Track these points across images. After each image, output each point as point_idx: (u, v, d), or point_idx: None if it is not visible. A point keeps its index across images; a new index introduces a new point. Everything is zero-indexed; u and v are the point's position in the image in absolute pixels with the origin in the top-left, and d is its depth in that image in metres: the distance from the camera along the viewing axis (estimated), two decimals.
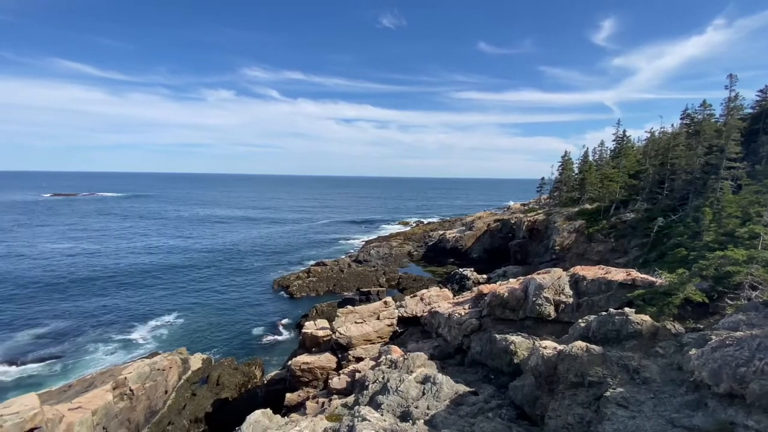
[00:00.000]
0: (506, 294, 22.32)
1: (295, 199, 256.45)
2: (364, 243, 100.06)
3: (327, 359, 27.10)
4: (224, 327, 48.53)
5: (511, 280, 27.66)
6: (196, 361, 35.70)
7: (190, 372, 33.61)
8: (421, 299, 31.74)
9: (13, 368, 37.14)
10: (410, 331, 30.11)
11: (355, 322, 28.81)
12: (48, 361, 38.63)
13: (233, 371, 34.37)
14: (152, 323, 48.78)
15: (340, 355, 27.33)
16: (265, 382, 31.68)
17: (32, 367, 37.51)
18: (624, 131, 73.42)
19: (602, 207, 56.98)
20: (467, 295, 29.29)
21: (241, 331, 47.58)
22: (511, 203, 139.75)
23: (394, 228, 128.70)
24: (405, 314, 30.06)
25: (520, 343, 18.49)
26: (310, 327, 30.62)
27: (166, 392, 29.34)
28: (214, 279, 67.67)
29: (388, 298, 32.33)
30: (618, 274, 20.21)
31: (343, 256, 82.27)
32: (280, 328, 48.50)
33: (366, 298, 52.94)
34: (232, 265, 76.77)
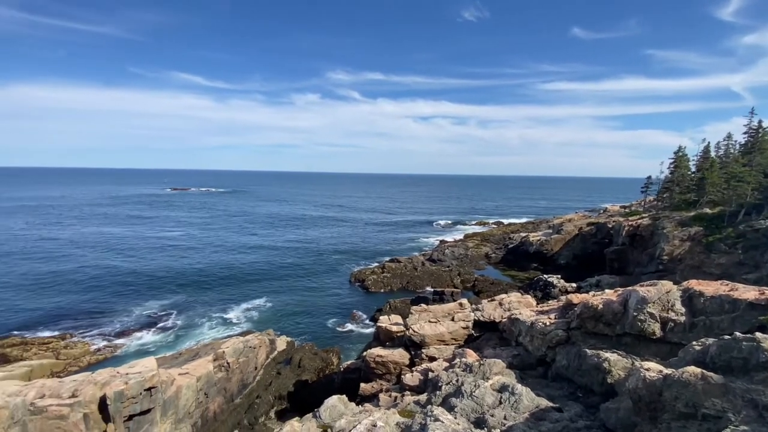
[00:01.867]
0: (601, 306, 20.07)
1: (372, 197, 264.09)
2: (439, 242, 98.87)
3: (400, 355, 27.33)
4: (306, 314, 52.01)
5: (606, 291, 24.83)
6: (282, 342, 38.77)
7: (276, 352, 36.62)
8: (500, 304, 30.20)
9: (137, 335, 44.36)
10: (487, 336, 28.87)
11: (429, 321, 28.57)
12: (163, 332, 45.41)
13: (313, 356, 36.61)
14: (245, 305, 54.32)
15: (413, 352, 27.37)
16: (342, 369, 33.14)
17: (151, 336, 44.42)
18: (760, 122, 61.12)
19: (727, 212, 48.17)
20: (553, 303, 27.10)
21: (320, 318, 50.52)
22: (608, 205, 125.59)
23: (471, 228, 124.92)
24: (482, 318, 28.89)
25: (615, 361, 16.53)
26: (384, 321, 31.16)
27: (255, 368, 32.38)
28: (298, 269, 72.78)
29: (464, 300, 31.41)
30: (747, 293, 16.82)
31: (417, 254, 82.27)
32: (356, 319, 50.34)
33: (440, 298, 52.29)
34: (313, 257, 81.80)
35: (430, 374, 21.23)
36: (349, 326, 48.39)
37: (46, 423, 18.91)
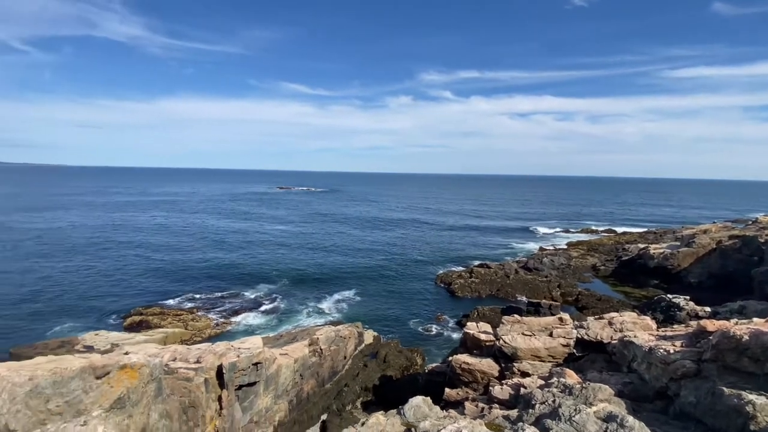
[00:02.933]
0: (747, 337, 16.24)
1: (461, 199, 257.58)
2: (536, 249, 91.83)
3: (489, 365, 26.01)
4: (391, 311, 53.06)
5: (754, 319, 20.09)
6: (369, 336, 40.15)
7: (363, 345, 38.07)
8: (610, 323, 26.67)
9: (247, 316, 50.28)
10: (591, 357, 25.74)
11: (523, 334, 26.62)
12: (268, 315, 50.72)
13: (398, 353, 37.11)
14: (336, 296, 57.75)
15: (503, 364, 25.80)
16: (426, 371, 32.89)
17: (258, 318, 49.95)
18: None
19: None
20: (679, 329, 22.92)
21: (405, 317, 51.03)
22: (760, 215, 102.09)
23: (575, 236, 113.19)
24: (586, 337, 25.86)
25: (762, 405, 13.20)
26: (472, 328, 30.02)
27: (345, 357, 34.09)
28: (385, 268, 74.61)
29: (564, 315, 28.53)
30: None
31: (510, 261, 77.59)
32: (441, 322, 49.60)
33: (535, 310, 48.45)
34: (399, 257, 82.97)
35: (522, 390, 19.70)
36: (434, 328, 47.88)
37: (176, 383, 22.52)
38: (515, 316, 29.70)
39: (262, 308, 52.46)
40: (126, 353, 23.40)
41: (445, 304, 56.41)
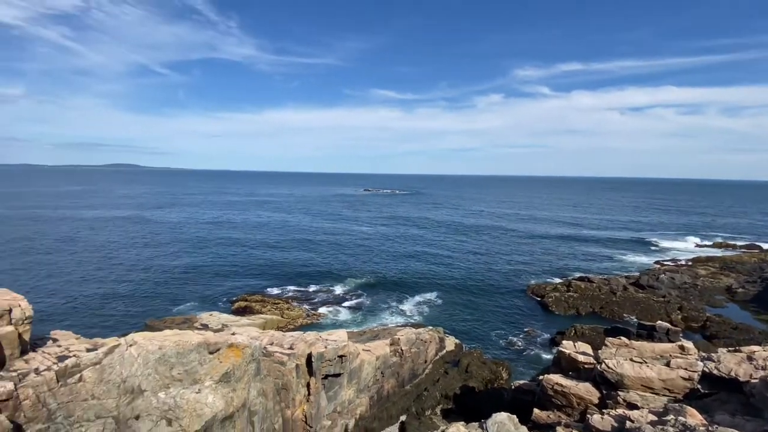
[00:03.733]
0: None
1: (558, 204, 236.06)
2: (652, 264, 79.95)
3: (587, 390, 23.25)
4: (475, 319, 50.97)
5: None
6: (450, 343, 39.15)
7: (444, 351, 37.25)
8: (749, 358, 21.80)
9: (335, 310, 53.06)
10: (721, 397, 21.31)
11: (631, 360, 23.23)
12: (354, 311, 52.83)
13: (481, 364, 35.43)
14: (418, 298, 57.64)
15: (604, 391, 22.82)
16: (513, 387, 30.79)
17: (345, 312, 52.32)
18: None
19: None
20: None
21: (490, 327, 48.53)
22: None
23: (705, 251, 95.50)
24: (715, 372, 21.50)
25: None
26: (568, 347, 27.22)
27: (425, 361, 33.76)
28: (470, 273, 72.08)
29: (687, 343, 24.11)
30: None
31: (618, 275, 68.64)
32: (531, 337, 46.02)
33: (648, 334, 41.91)
34: (486, 264, 79.42)
35: (629, 424, 17.14)
36: (522, 343, 44.63)
37: (272, 365, 24.70)
38: (622, 338, 26.10)
39: (348, 304, 54.90)
40: (233, 334, 26.45)
41: (535, 318, 52.29)
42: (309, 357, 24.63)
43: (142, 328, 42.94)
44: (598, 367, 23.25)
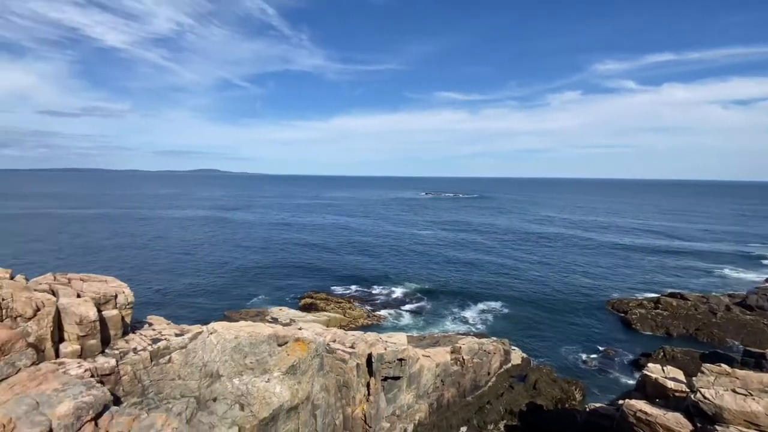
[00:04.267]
0: None
1: (645, 209, 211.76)
2: (762, 281, 68.40)
3: (677, 421, 20.41)
4: (545, 333, 47.60)
5: None
6: (516, 356, 37.00)
7: (510, 365, 35.31)
8: None
9: (395, 313, 53.14)
10: None
11: (733, 391, 19.94)
12: (414, 315, 52.48)
13: (551, 382, 32.96)
14: (481, 307, 55.43)
15: (698, 424, 19.85)
16: (587, 409, 28.15)
17: (405, 316, 52.18)
18: None
19: None
20: None
21: (562, 343, 44.98)
22: None
23: None
24: None
25: None
26: (655, 371, 24.21)
27: (488, 373, 32.29)
28: (540, 283, 67.68)
29: None
30: None
31: (719, 294, 59.69)
32: (609, 356, 41.75)
33: (756, 363, 35.81)
34: (558, 274, 74.00)
35: None
36: (598, 362, 40.64)
37: (334, 362, 25.38)
38: (722, 365, 22.58)
39: (408, 307, 54.70)
40: (300, 329, 27.71)
41: (615, 336, 47.38)
42: (369, 357, 24.88)
43: (221, 318, 47.00)
44: (692, 396, 20.31)
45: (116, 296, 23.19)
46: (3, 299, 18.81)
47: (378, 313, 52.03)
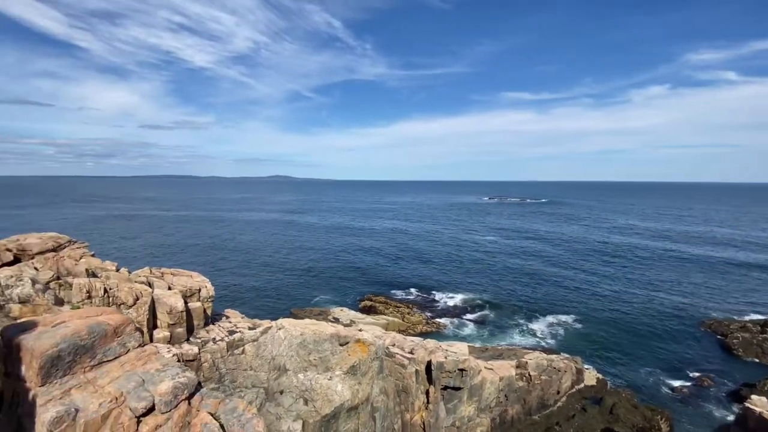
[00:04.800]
0: None
1: (752, 218, 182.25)
2: None
3: None
4: (626, 353, 43.04)
5: None
6: (590, 377, 33.96)
7: (582, 385, 32.50)
8: None
9: (456, 321, 51.77)
10: None
11: None
12: (476, 325, 50.70)
13: (632, 408, 29.65)
14: (551, 319, 51.79)
15: None
16: None
17: (466, 325, 50.62)
18: None
19: None
20: None
21: (645, 365, 40.31)
22: None
23: None
24: None
25: None
26: (759, 405, 20.68)
27: (558, 392, 30.01)
28: (620, 297, 61.49)
29: None
30: None
31: None
32: (703, 384, 36.51)
33: None
34: (643, 287, 66.60)
35: None
36: (689, 390, 35.73)
37: (393, 366, 25.40)
38: None
39: (470, 316, 53.03)
40: (360, 330, 28.25)
41: (711, 362, 41.33)
42: (429, 365, 24.51)
43: (288, 314, 49.70)
44: None
45: (200, 290, 25.58)
46: (110, 288, 21.74)
47: (437, 320, 51.19)
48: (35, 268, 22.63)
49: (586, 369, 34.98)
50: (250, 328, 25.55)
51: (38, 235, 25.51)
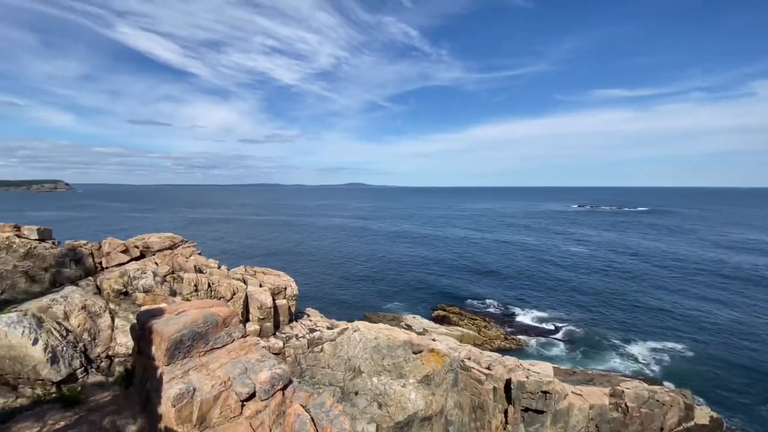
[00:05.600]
0: None
1: None
2: None
3: None
4: (747, 391, 35.97)
5: None
6: (702, 414, 28.99)
7: (692, 423, 27.87)
8: None
9: (539, 339, 48.18)
10: None
11: None
12: (562, 343, 46.65)
13: None
14: (653, 343, 45.57)
15: None
16: None
17: (550, 343, 46.82)
18: None
19: None
20: None
21: None
22: None
23: None
24: None
25: None
26: None
27: (661, 429, 26.14)
28: (747, 325, 51.71)
29: None
30: None
31: None
32: None
33: None
34: None
35: None
36: None
37: (469, 380, 24.49)
38: None
39: (555, 335, 49.01)
40: (434, 339, 27.88)
41: None
42: (508, 383, 23.16)
43: (362, 317, 51.13)
44: None
45: (285, 288, 27.56)
46: (213, 283, 24.47)
47: (517, 336, 48.23)
48: (155, 263, 26.49)
49: (698, 405, 29.97)
50: (328, 328, 26.77)
51: (158, 235, 29.87)
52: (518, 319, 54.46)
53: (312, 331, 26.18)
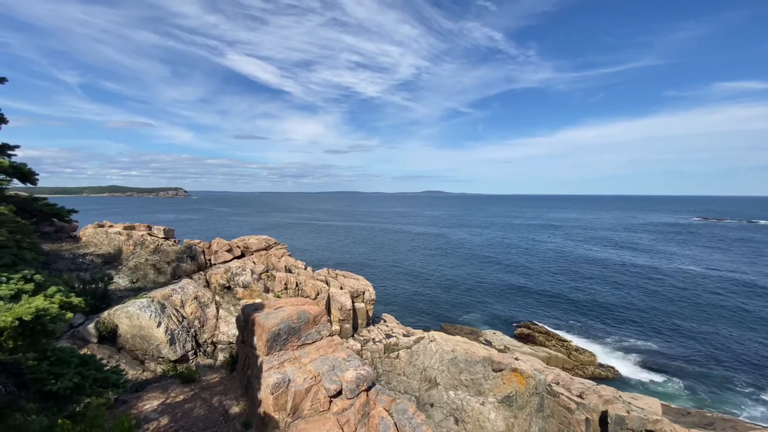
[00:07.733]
0: None
1: None
2: None
3: None
4: None
5: None
6: None
7: None
8: None
9: (641, 370, 42.20)
10: None
11: None
12: (671, 378, 40.26)
13: None
14: None
15: None
16: None
17: (656, 376, 40.70)
18: None
19: None
20: None
21: None
22: None
23: None
24: None
25: None
26: None
27: None
28: None
29: None
30: None
31: None
32: None
33: None
34: None
35: None
36: None
37: (556, 407, 22.41)
38: None
39: (663, 367, 42.54)
40: (516, 359, 26.21)
41: None
42: (604, 415, 20.68)
43: (438, 328, 50.30)
44: None
45: (364, 292, 28.41)
46: (300, 283, 26.24)
47: (616, 364, 42.94)
48: (253, 262, 29.39)
49: None
50: (404, 335, 26.85)
51: (256, 237, 33.15)
52: (618, 344, 48.46)
53: (388, 336, 26.51)
